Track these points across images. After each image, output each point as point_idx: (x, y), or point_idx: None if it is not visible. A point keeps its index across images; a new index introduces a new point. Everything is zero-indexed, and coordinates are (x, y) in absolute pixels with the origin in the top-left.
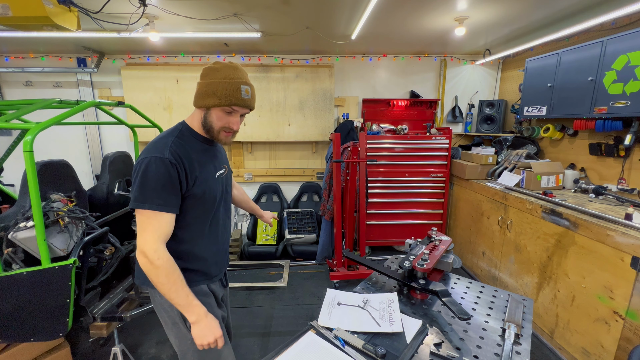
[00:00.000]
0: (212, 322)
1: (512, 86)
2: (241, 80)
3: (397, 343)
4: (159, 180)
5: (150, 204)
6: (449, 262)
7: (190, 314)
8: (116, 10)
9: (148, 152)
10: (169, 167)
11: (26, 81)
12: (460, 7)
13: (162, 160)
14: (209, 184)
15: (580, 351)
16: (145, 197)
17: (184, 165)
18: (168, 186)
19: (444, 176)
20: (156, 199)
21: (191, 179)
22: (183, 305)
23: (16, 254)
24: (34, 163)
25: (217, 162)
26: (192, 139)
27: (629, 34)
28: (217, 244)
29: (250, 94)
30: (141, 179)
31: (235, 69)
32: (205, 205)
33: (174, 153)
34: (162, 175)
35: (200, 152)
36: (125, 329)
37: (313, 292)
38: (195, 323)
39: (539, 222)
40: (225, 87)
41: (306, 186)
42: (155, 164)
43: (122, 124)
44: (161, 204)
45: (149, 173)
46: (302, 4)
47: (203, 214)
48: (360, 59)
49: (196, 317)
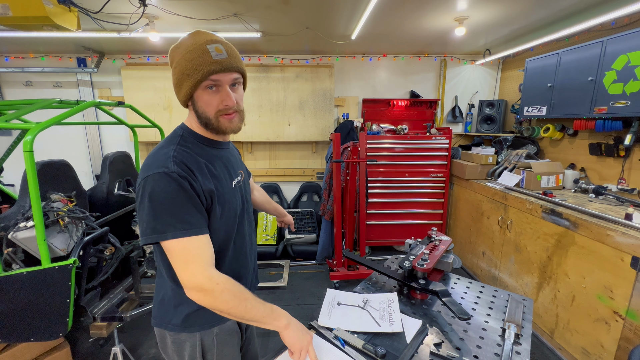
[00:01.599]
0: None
1: (512, 86)
2: (205, 40)
3: (397, 343)
4: (171, 200)
5: (174, 232)
6: (449, 262)
7: (278, 320)
8: (116, 10)
9: (148, 169)
10: (179, 180)
11: (26, 81)
12: (460, 7)
13: (168, 175)
14: (227, 197)
15: (580, 351)
16: (163, 226)
17: (195, 177)
18: (186, 204)
19: (444, 176)
20: (178, 224)
21: (207, 194)
22: (267, 315)
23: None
24: (34, 163)
25: (231, 167)
26: (197, 144)
27: (629, 34)
28: (245, 265)
29: (226, 52)
30: (149, 204)
31: (197, 34)
32: (228, 223)
33: (179, 164)
34: (173, 192)
35: (211, 158)
36: (125, 329)
37: (313, 292)
38: (287, 328)
39: (539, 222)
40: (190, 58)
41: (306, 186)
42: (161, 181)
43: (122, 124)
44: (187, 228)
45: (156, 194)
46: (302, 4)
47: (226, 233)
48: (360, 59)
49: (286, 319)
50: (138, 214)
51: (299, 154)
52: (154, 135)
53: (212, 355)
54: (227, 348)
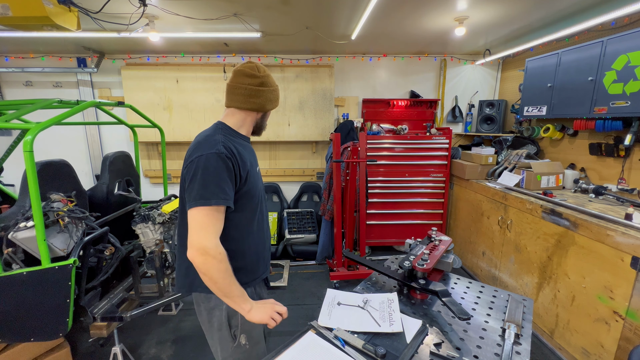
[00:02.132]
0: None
1: (512, 86)
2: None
3: (397, 343)
4: (220, 175)
5: (217, 200)
6: (449, 262)
7: (245, 304)
8: (116, 10)
9: (202, 150)
10: (227, 161)
11: (26, 81)
12: (460, 7)
13: (219, 155)
14: (254, 178)
15: (580, 351)
16: (210, 193)
17: (237, 160)
18: (228, 180)
19: (444, 176)
20: (221, 193)
21: (244, 173)
22: (239, 295)
23: (16, 254)
24: (34, 163)
25: (253, 157)
26: (234, 136)
27: (629, 34)
28: (263, 241)
29: None
30: (202, 176)
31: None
32: (254, 201)
33: (227, 148)
34: (222, 169)
35: (242, 147)
36: (125, 329)
37: (313, 292)
38: (249, 312)
39: (539, 222)
40: (277, 94)
41: (306, 186)
42: (214, 159)
43: (122, 124)
44: (226, 198)
45: (209, 169)
46: (302, 4)
47: (252, 210)
48: (360, 59)
49: (249, 305)
50: (189, 185)
51: (299, 154)
52: (154, 135)
53: (236, 321)
54: None
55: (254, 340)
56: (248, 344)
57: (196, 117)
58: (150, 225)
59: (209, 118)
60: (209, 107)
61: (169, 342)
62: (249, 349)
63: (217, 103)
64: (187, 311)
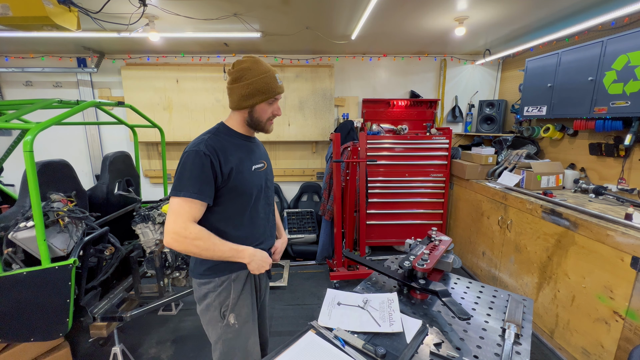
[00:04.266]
0: (263, 255)
1: (512, 86)
2: (273, 70)
3: (397, 343)
4: (193, 170)
5: (185, 192)
6: (449, 262)
7: (242, 257)
8: (116, 10)
9: (188, 148)
10: (203, 158)
11: (26, 81)
12: (460, 7)
13: (197, 152)
14: (245, 175)
15: (580, 351)
16: (181, 186)
17: (218, 157)
18: (202, 176)
19: (444, 176)
20: (191, 187)
21: (226, 170)
22: (232, 255)
23: (16, 254)
24: (34, 163)
25: (254, 156)
26: (230, 135)
27: (629, 34)
28: (258, 236)
29: (280, 79)
30: (179, 171)
31: (262, 62)
32: (243, 197)
33: (208, 146)
34: (196, 165)
35: (236, 147)
36: (125, 329)
37: (313, 292)
38: (249, 263)
39: (539, 222)
40: (266, 81)
41: (306, 186)
42: (191, 156)
43: (122, 124)
44: (195, 192)
45: (186, 165)
46: (302, 4)
47: (241, 205)
48: (360, 59)
49: (248, 257)
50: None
51: (299, 154)
52: (154, 135)
53: (228, 297)
54: (243, 294)
55: (242, 318)
56: (237, 323)
57: (196, 117)
58: (150, 225)
59: (209, 118)
60: (209, 107)
61: (169, 342)
62: (237, 328)
63: (217, 103)
64: (187, 311)
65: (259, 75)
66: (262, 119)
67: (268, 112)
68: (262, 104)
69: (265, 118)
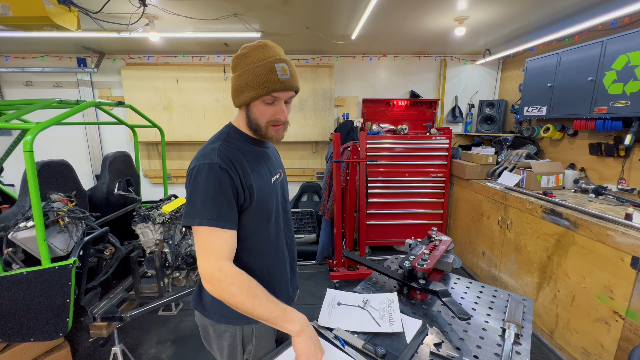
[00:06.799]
0: (316, 334)
1: (512, 86)
2: (273, 57)
3: (397, 343)
4: (208, 190)
5: (201, 219)
6: (449, 262)
7: (290, 323)
8: (116, 10)
9: (197, 160)
10: (219, 173)
11: (26, 81)
12: (460, 7)
13: (211, 166)
14: (266, 191)
15: (580, 351)
16: (194, 211)
17: (236, 170)
18: (220, 196)
19: (444, 176)
20: (206, 212)
21: (247, 186)
22: (278, 316)
23: (16, 254)
24: (34, 163)
25: (271, 165)
26: (242, 141)
27: (629, 34)
28: (282, 262)
29: (290, 72)
30: (191, 191)
31: (265, 47)
32: (264, 217)
33: (223, 157)
34: (211, 183)
35: (252, 155)
36: (125, 329)
37: (313, 292)
38: (299, 334)
39: (539, 222)
40: (258, 72)
41: (306, 186)
42: (204, 171)
43: (122, 124)
44: (212, 217)
45: (198, 183)
46: (302, 4)
47: (262, 227)
48: (360, 59)
49: (299, 325)
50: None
51: (299, 154)
52: (154, 135)
53: (252, 346)
54: (265, 338)
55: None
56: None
57: (196, 117)
58: (150, 225)
59: (209, 118)
60: (209, 107)
61: (169, 342)
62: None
63: (217, 103)
64: (187, 311)
65: (251, 64)
66: (260, 122)
67: (267, 114)
68: (258, 103)
69: (264, 121)
